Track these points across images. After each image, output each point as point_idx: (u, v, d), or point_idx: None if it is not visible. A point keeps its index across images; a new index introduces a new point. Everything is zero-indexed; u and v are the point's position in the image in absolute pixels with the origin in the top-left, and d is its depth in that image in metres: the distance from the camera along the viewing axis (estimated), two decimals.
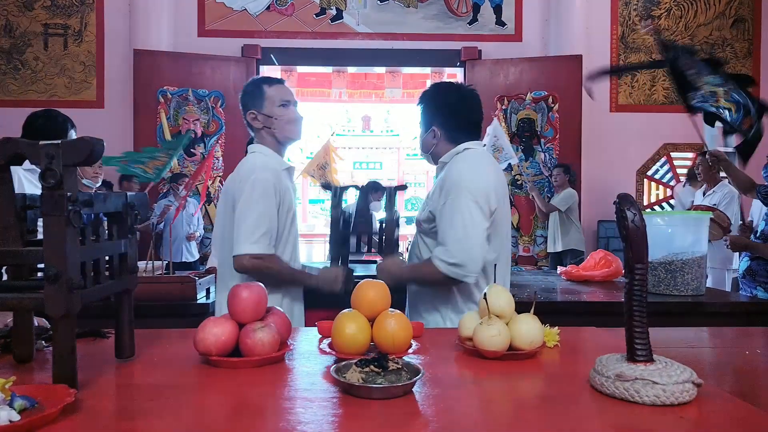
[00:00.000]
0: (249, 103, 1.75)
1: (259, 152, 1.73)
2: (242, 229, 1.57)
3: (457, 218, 1.47)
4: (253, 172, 1.62)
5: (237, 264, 1.58)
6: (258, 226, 1.57)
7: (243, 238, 1.57)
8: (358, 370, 0.84)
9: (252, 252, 1.56)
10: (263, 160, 1.68)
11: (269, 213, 1.60)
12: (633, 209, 0.87)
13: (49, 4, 5.39)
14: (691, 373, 0.83)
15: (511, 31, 5.62)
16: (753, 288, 2.77)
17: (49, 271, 0.79)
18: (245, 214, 1.58)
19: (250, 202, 1.58)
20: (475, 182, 1.50)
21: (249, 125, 1.77)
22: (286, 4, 5.51)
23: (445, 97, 1.65)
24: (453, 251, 1.46)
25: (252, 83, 1.80)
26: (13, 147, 0.82)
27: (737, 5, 5.68)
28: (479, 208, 1.48)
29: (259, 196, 1.59)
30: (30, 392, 0.77)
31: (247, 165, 1.67)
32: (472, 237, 1.46)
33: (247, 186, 1.60)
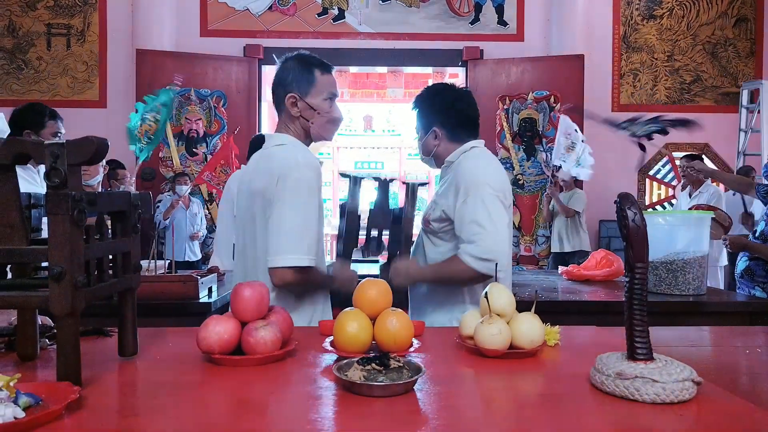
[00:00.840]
0: (293, 85, 1.48)
1: (292, 144, 1.46)
2: (284, 236, 1.34)
3: (482, 214, 1.48)
4: (295, 170, 1.37)
5: (277, 277, 1.34)
6: (303, 234, 1.35)
7: (286, 247, 1.33)
8: (359, 368, 0.85)
9: (298, 264, 1.33)
10: (304, 155, 1.42)
11: (314, 218, 1.39)
12: (633, 208, 0.87)
13: (52, 4, 5.41)
14: (691, 372, 0.83)
15: (513, 30, 5.62)
16: (751, 288, 2.77)
17: (54, 269, 0.80)
18: (288, 219, 1.34)
19: (295, 206, 1.35)
20: (494, 178, 1.53)
21: (281, 108, 1.51)
22: (288, 4, 5.52)
23: (442, 97, 1.66)
24: (485, 246, 1.46)
25: (302, 61, 1.50)
26: (18, 146, 0.83)
27: (739, 5, 5.68)
28: (501, 202, 1.51)
29: (305, 198, 1.36)
30: (34, 390, 0.78)
31: (285, 159, 1.39)
32: (500, 231, 1.49)
33: (289, 184, 1.35)
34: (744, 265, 2.83)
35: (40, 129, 2.34)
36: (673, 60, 5.67)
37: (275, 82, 1.51)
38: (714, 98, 5.66)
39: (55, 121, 2.38)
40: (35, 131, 2.32)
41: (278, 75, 1.51)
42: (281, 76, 1.50)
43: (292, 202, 1.35)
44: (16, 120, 2.30)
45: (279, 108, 1.52)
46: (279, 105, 1.51)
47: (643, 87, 5.68)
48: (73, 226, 0.80)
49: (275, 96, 1.51)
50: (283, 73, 1.50)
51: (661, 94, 5.65)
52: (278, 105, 1.52)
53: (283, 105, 1.50)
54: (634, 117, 2.61)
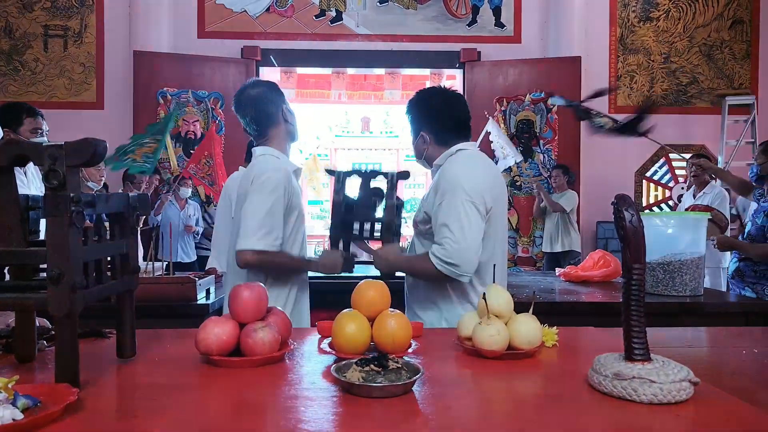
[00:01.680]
0: (280, 99, 1.78)
1: (269, 155, 1.72)
2: (248, 224, 1.58)
3: (453, 218, 1.48)
4: (265, 172, 1.62)
5: (240, 259, 1.58)
6: (264, 223, 1.58)
7: (248, 233, 1.57)
8: (358, 370, 0.85)
9: (256, 248, 1.56)
10: (275, 162, 1.68)
11: (276, 212, 1.61)
12: (631, 210, 0.87)
13: (49, 5, 5.39)
14: (688, 372, 0.83)
15: (510, 32, 5.63)
16: (742, 289, 2.78)
17: (52, 271, 0.80)
18: (252, 211, 1.59)
19: (259, 200, 1.59)
20: (470, 182, 1.52)
21: (273, 122, 1.76)
22: (286, 6, 5.53)
23: (429, 102, 1.67)
24: (450, 251, 1.47)
25: (270, 81, 1.84)
26: (17, 148, 0.83)
27: (735, 7, 5.70)
28: (475, 208, 1.50)
29: (268, 194, 1.60)
30: (33, 391, 0.77)
31: (258, 167, 1.66)
32: (468, 237, 1.48)
33: (257, 183, 1.61)
34: (734, 266, 2.85)
35: (18, 126, 2.35)
36: (670, 62, 5.69)
37: (260, 104, 1.74)
38: (710, 100, 5.68)
39: (34, 118, 2.38)
40: (13, 129, 2.32)
41: (260, 98, 1.74)
42: (265, 97, 1.75)
43: (257, 196, 1.60)
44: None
45: (266, 126, 1.75)
46: (268, 123, 1.75)
47: (639, 89, 5.70)
48: (72, 227, 0.80)
49: (262, 117, 1.74)
50: (265, 94, 1.75)
51: (658, 96, 5.67)
52: (267, 123, 1.75)
53: (275, 120, 1.75)
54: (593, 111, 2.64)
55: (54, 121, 2.90)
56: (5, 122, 2.29)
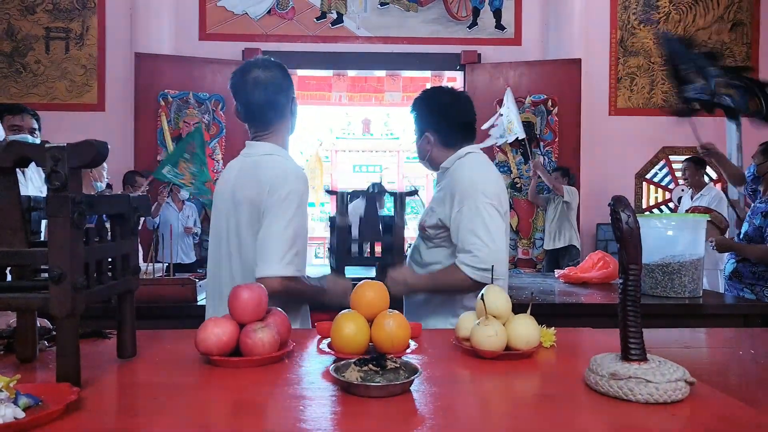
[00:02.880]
0: (291, 88, 1.53)
1: (279, 155, 1.47)
2: (274, 248, 1.35)
3: (478, 223, 1.48)
4: (286, 183, 1.38)
5: (266, 286, 1.32)
6: (293, 245, 1.37)
7: (274, 257, 1.34)
8: (356, 369, 0.86)
9: (286, 274, 1.35)
10: (294, 168, 1.45)
11: (303, 230, 1.42)
12: (627, 211, 0.88)
13: (51, 8, 5.42)
14: (683, 372, 0.84)
15: (510, 34, 5.65)
16: (740, 290, 2.79)
17: (54, 271, 0.80)
18: (279, 232, 1.36)
19: (286, 218, 1.36)
20: (489, 186, 1.53)
21: (281, 114, 1.50)
22: (287, 8, 5.54)
23: (435, 102, 1.65)
24: (482, 257, 1.47)
25: (281, 66, 1.52)
26: (19, 150, 0.84)
27: (736, 9, 5.71)
28: (496, 210, 1.52)
29: (296, 211, 1.38)
30: (34, 390, 0.78)
31: (275, 171, 1.41)
32: (497, 240, 1.49)
33: (281, 197, 1.37)
34: (731, 267, 2.85)
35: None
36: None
37: (271, 91, 1.47)
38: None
39: (17, 115, 2.38)
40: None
41: (272, 84, 1.47)
42: (280, 85, 1.48)
43: (284, 213, 1.36)
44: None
45: (272, 117, 1.49)
46: (275, 114, 1.49)
47: (640, 91, 5.71)
48: (73, 228, 0.81)
49: (270, 106, 1.48)
50: (278, 81, 1.48)
51: (658, 98, 5.68)
52: (273, 114, 1.49)
53: (282, 111, 1.50)
54: None
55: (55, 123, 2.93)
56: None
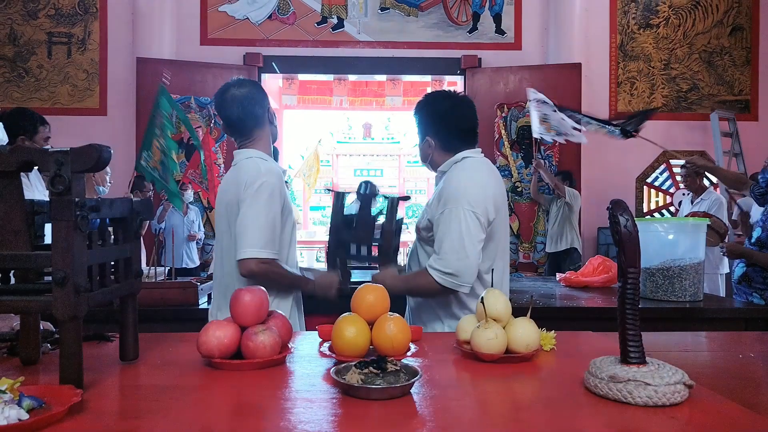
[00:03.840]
0: (266, 100, 1.72)
1: (258, 157, 1.66)
2: (249, 232, 1.53)
3: (453, 228, 1.48)
4: (258, 177, 1.57)
5: (244, 268, 1.53)
6: (266, 230, 1.54)
7: (250, 241, 1.52)
8: (357, 372, 0.86)
9: (260, 256, 1.52)
10: (267, 165, 1.63)
11: (275, 218, 1.58)
12: (625, 215, 0.89)
13: (53, 12, 5.44)
14: (682, 375, 0.85)
15: (510, 39, 5.67)
16: (749, 294, 2.78)
17: (57, 274, 0.81)
18: (252, 218, 1.54)
19: (258, 207, 1.54)
20: (473, 193, 1.52)
21: (260, 124, 1.70)
22: (288, 13, 5.57)
23: (436, 106, 1.66)
24: (448, 261, 1.47)
25: (255, 82, 1.78)
26: (24, 154, 0.84)
27: (735, 14, 5.73)
28: (476, 218, 1.50)
29: (266, 200, 1.55)
30: (37, 393, 0.79)
31: (250, 170, 1.60)
32: (467, 247, 1.48)
33: (253, 190, 1.55)
34: (741, 271, 2.85)
35: (34, 134, 2.39)
36: (670, 68, 5.71)
37: (247, 105, 1.66)
38: (711, 106, 5.70)
39: (45, 126, 2.45)
40: (29, 137, 2.37)
41: (247, 98, 1.66)
42: (253, 97, 1.67)
43: (256, 202, 1.55)
44: (8, 126, 2.32)
45: (252, 127, 1.68)
46: (254, 124, 1.68)
47: (640, 95, 5.72)
48: (77, 231, 0.82)
49: (248, 118, 1.67)
50: (252, 94, 1.67)
51: (658, 102, 5.69)
52: (252, 125, 1.68)
53: (261, 121, 1.69)
54: None
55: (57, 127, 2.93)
56: (22, 129, 2.33)
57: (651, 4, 5.73)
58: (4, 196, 0.86)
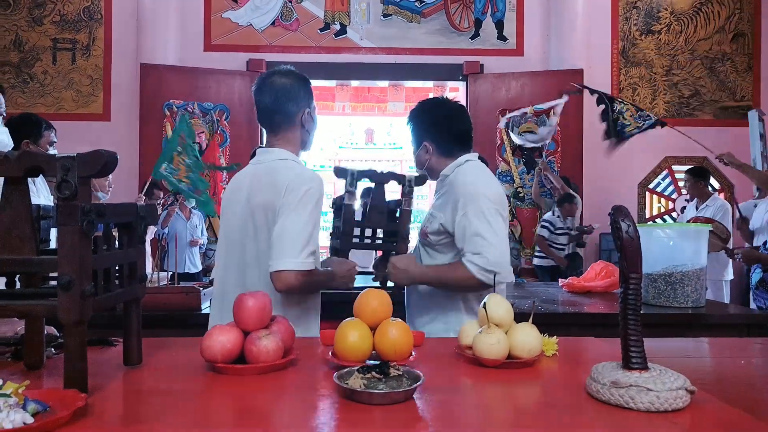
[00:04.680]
0: (305, 100, 1.57)
1: (294, 160, 1.54)
2: (291, 243, 1.39)
3: (484, 227, 1.51)
4: (304, 182, 1.44)
5: (282, 281, 1.38)
6: (309, 241, 1.41)
7: (291, 252, 1.38)
8: (360, 377, 0.86)
9: (302, 269, 1.39)
10: (309, 171, 1.53)
11: (317, 228, 1.46)
12: (627, 220, 0.89)
13: (58, 19, 5.49)
14: (684, 381, 0.85)
15: (512, 45, 5.69)
16: (766, 300, 2.79)
17: (63, 279, 0.82)
18: (298, 228, 1.40)
19: (304, 215, 1.42)
20: (491, 191, 1.57)
21: (289, 122, 1.55)
22: (291, 20, 5.60)
23: (432, 113, 1.70)
24: (491, 258, 1.48)
25: (301, 77, 1.60)
26: (31, 159, 0.85)
27: (737, 20, 5.74)
28: (499, 214, 1.55)
29: (312, 209, 1.44)
30: (42, 397, 0.79)
31: (292, 173, 1.46)
32: (503, 243, 1.53)
33: (298, 197, 1.42)
34: (758, 276, 2.86)
35: (39, 139, 2.41)
36: (672, 74, 5.72)
37: (281, 98, 1.53)
38: (713, 112, 5.70)
39: (50, 131, 2.48)
40: (34, 141, 2.39)
41: (283, 91, 1.53)
42: (289, 92, 1.53)
43: (300, 211, 1.41)
44: (14, 131, 2.33)
45: (280, 123, 1.55)
46: (283, 120, 1.54)
47: (642, 101, 5.73)
48: (83, 236, 0.83)
49: (279, 112, 1.54)
50: (290, 89, 1.54)
51: (660, 108, 5.70)
52: (281, 121, 1.55)
53: (291, 120, 1.55)
54: None
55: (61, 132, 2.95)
56: (26, 134, 2.35)
57: (652, 11, 5.75)
58: (12, 201, 0.87)
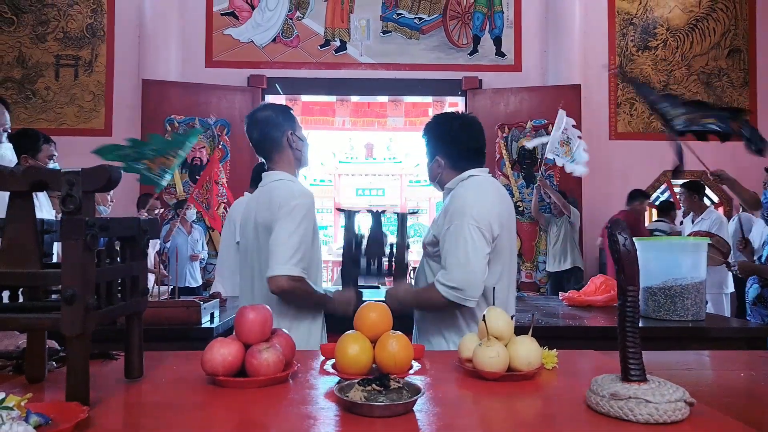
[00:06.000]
0: (286, 124, 1.75)
1: (288, 179, 1.72)
2: (281, 250, 1.56)
3: (460, 243, 1.51)
4: (293, 198, 1.62)
5: (274, 284, 1.55)
6: (298, 249, 1.57)
7: (282, 259, 1.55)
8: (360, 389, 0.87)
9: (291, 273, 1.55)
10: (300, 188, 1.69)
11: (307, 238, 1.61)
12: (624, 233, 0.90)
13: (61, 36, 5.55)
14: (683, 393, 0.85)
15: (510, 61, 5.75)
16: (765, 316, 2.77)
17: (67, 292, 0.83)
18: (286, 237, 1.57)
19: (292, 226, 1.58)
20: (477, 209, 1.55)
21: (277, 146, 1.74)
22: (292, 36, 5.67)
23: (446, 127, 1.72)
24: (454, 275, 1.50)
25: (279, 106, 1.84)
26: (36, 174, 0.87)
27: (732, 36, 5.81)
28: (481, 234, 1.53)
29: (300, 221, 1.60)
30: (44, 409, 0.80)
31: (283, 191, 1.64)
32: (473, 262, 1.50)
33: (287, 211, 1.59)
34: (756, 292, 2.83)
35: (37, 153, 2.44)
36: (669, 89, 5.77)
37: (264, 127, 1.73)
38: None
39: (49, 144, 2.50)
40: (32, 155, 2.41)
41: (264, 121, 1.73)
42: (270, 121, 1.73)
43: (289, 223, 1.58)
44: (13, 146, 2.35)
45: (270, 149, 1.75)
46: (272, 146, 1.75)
47: (639, 116, 5.77)
48: (86, 250, 0.84)
49: (266, 140, 1.74)
50: (270, 118, 1.74)
51: (658, 123, 5.72)
52: (270, 147, 1.75)
53: (278, 144, 1.74)
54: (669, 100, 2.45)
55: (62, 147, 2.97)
56: (24, 148, 2.37)
57: (649, 27, 5.82)
58: (18, 215, 0.88)
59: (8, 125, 2.21)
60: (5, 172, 0.87)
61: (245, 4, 5.65)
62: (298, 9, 5.67)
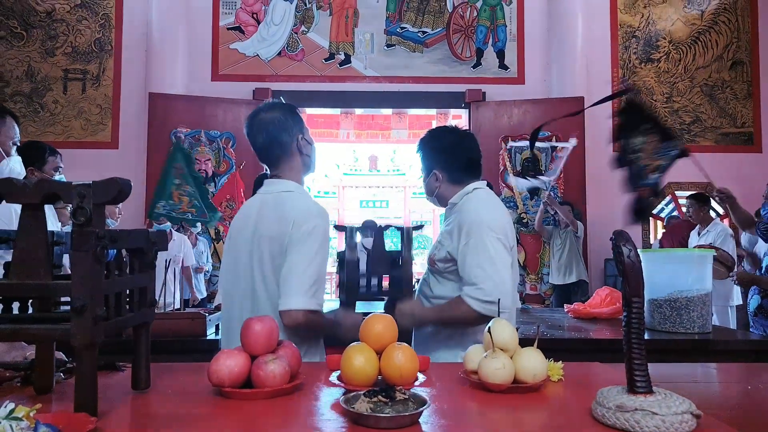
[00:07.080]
0: (296, 128, 1.58)
1: (299, 191, 1.54)
2: (300, 281, 1.40)
3: (484, 256, 1.52)
4: (311, 218, 1.45)
5: (289, 318, 1.39)
6: (317, 279, 1.42)
7: (299, 290, 1.39)
8: (366, 401, 0.87)
9: (310, 308, 1.40)
10: (316, 206, 1.51)
11: (325, 266, 1.47)
12: (629, 245, 0.91)
13: (70, 50, 5.63)
14: (690, 405, 0.85)
15: (513, 74, 5.79)
16: (766, 327, 2.76)
17: (76, 303, 0.84)
18: (305, 266, 1.41)
19: (310, 253, 1.42)
20: (495, 220, 1.57)
21: (286, 152, 1.56)
22: (297, 50, 5.73)
23: (442, 141, 1.72)
24: (487, 289, 1.49)
25: (286, 106, 1.61)
26: (48, 186, 0.88)
27: (735, 49, 5.84)
28: (502, 244, 1.55)
29: (319, 247, 1.44)
30: (53, 420, 0.80)
31: (299, 207, 1.47)
32: (501, 273, 1.51)
33: (305, 233, 1.43)
34: (756, 302, 2.82)
35: (43, 165, 2.47)
36: (672, 101, 5.79)
37: (272, 131, 1.54)
38: (714, 138, 5.75)
39: (55, 156, 2.53)
40: (39, 167, 2.43)
41: (273, 123, 1.54)
42: (279, 123, 1.54)
43: (307, 249, 1.42)
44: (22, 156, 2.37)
45: (279, 155, 1.56)
46: (281, 152, 1.56)
47: None
48: (96, 262, 0.85)
49: (274, 145, 1.55)
50: (279, 120, 1.55)
51: None
52: (279, 152, 1.56)
53: (288, 149, 1.56)
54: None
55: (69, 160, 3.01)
56: (31, 160, 2.40)
57: (651, 40, 5.86)
58: (29, 227, 0.89)
59: (17, 138, 2.24)
60: (18, 185, 0.88)
61: (251, 19, 5.73)
62: (303, 23, 5.74)
